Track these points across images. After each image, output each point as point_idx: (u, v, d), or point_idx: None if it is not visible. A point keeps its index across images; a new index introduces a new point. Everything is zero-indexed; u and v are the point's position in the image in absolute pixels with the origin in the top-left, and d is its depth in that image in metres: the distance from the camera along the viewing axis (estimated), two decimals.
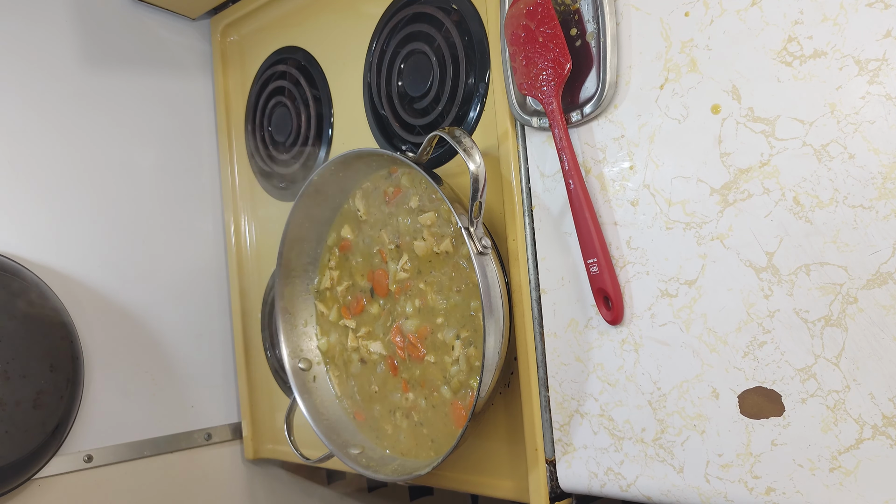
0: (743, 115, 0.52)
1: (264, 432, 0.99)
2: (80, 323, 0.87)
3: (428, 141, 0.66)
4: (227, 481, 0.99)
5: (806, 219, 0.49)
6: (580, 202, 0.59)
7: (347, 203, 0.80)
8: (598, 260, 0.58)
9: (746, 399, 0.52)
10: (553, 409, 0.64)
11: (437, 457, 0.70)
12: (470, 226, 0.62)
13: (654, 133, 0.57)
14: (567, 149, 0.59)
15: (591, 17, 0.59)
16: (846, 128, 0.48)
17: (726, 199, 0.53)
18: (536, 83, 0.61)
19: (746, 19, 0.52)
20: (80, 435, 0.86)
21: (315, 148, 0.90)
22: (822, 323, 0.49)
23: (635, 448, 0.58)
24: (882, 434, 0.47)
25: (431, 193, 0.71)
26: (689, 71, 0.54)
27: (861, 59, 0.47)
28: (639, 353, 0.58)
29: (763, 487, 0.52)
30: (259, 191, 0.98)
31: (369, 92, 0.82)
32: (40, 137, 0.87)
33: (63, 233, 0.88)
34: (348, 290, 0.80)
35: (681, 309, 0.55)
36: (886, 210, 0.46)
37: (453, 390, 0.70)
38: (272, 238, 0.96)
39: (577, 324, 0.62)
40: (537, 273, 0.65)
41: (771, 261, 0.51)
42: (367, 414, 0.79)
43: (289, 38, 0.94)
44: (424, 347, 0.72)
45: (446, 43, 0.73)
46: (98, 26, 0.93)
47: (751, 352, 0.52)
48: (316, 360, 0.84)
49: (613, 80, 0.58)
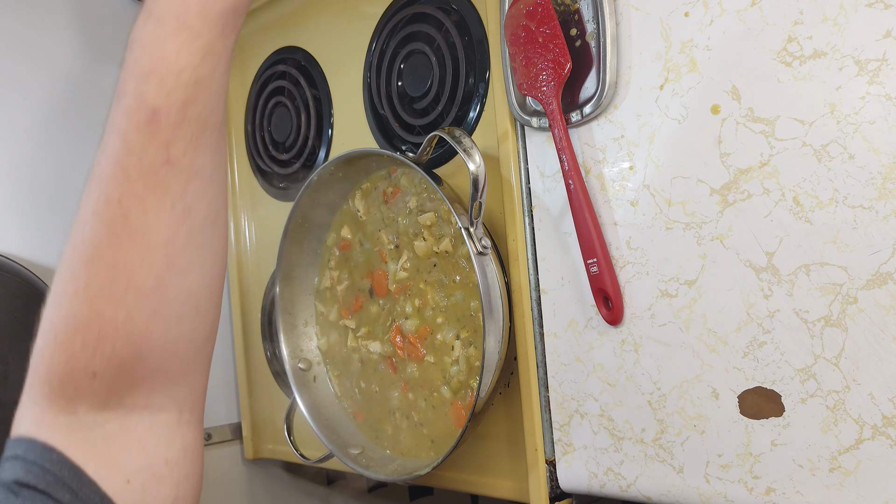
0: (743, 115, 0.52)
1: (264, 432, 0.99)
2: None
3: (428, 141, 0.66)
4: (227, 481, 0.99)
5: (806, 219, 0.49)
6: (580, 202, 0.59)
7: (347, 203, 0.80)
8: (598, 260, 0.58)
9: (746, 399, 0.52)
10: (553, 409, 0.64)
11: (437, 457, 0.70)
12: (470, 226, 0.62)
13: (653, 133, 0.57)
14: (567, 149, 0.59)
15: (590, 17, 0.59)
16: (846, 128, 0.48)
17: (726, 199, 0.53)
18: (536, 83, 0.61)
19: (746, 19, 0.52)
20: None
21: (315, 148, 0.90)
22: (822, 323, 0.49)
23: (635, 448, 0.58)
24: (882, 434, 0.47)
25: (431, 193, 0.71)
26: (688, 71, 0.54)
27: (861, 60, 0.47)
28: (639, 353, 0.58)
29: (763, 487, 0.52)
30: (259, 191, 0.98)
31: (369, 92, 0.82)
32: (41, 137, 0.87)
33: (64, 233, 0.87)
34: (348, 290, 0.80)
35: (681, 309, 0.55)
36: (886, 210, 0.46)
37: (453, 390, 0.70)
38: (272, 238, 0.96)
39: (577, 324, 0.62)
40: (537, 273, 0.65)
41: (771, 261, 0.51)
42: (367, 414, 0.79)
43: (289, 38, 0.94)
44: (424, 347, 0.72)
45: (446, 43, 0.73)
46: (98, 26, 0.93)
47: (751, 352, 0.52)
48: (316, 360, 0.84)
49: (613, 80, 0.58)
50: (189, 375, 0.48)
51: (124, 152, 0.43)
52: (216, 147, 0.46)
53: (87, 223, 0.44)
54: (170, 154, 0.43)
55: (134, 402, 0.46)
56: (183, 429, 0.48)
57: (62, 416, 0.44)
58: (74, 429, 0.44)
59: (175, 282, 0.44)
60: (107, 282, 0.43)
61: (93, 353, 0.43)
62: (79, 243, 0.44)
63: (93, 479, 0.43)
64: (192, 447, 0.48)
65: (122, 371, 0.44)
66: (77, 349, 0.43)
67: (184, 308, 0.45)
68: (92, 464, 0.43)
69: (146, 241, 0.43)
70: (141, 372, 0.45)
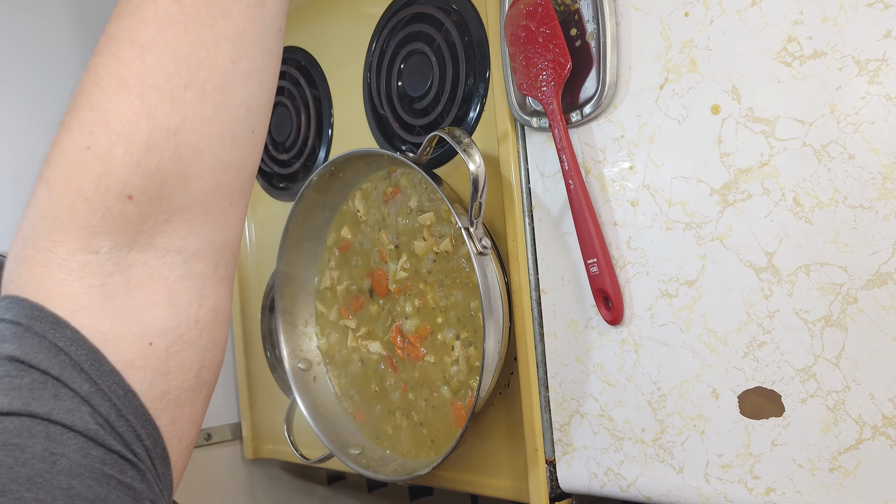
0: (743, 115, 0.52)
1: (264, 432, 0.99)
2: None
3: (428, 141, 0.66)
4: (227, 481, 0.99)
5: (806, 219, 0.49)
6: (580, 202, 0.59)
7: (347, 203, 0.80)
8: (598, 260, 0.58)
9: (746, 399, 0.52)
10: (553, 409, 0.64)
11: (437, 457, 0.70)
12: (470, 226, 0.62)
13: (653, 133, 0.57)
14: (567, 149, 0.59)
15: (590, 17, 0.59)
16: (846, 128, 0.48)
17: (726, 199, 0.53)
18: (536, 83, 0.61)
19: (746, 19, 0.52)
20: None
21: (315, 148, 0.90)
22: (822, 323, 0.49)
23: (635, 448, 0.58)
24: (882, 434, 0.47)
25: (431, 193, 0.71)
26: (688, 71, 0.54)
27: (861, 60, 0.47)
28: (639, 353, 0.58)
29: (763, 488, 0.52)
30: (259, 191, 0.98)
31: (369, 92, 0.82)
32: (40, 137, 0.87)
33: None
34: (348, 290, 0.80)
35: (681, 309, 0.55)
36: (886, 210, 0.46)
37: (453, 390, 0.70)
38: (272, 238, 0.96)
39: (576, 324, 0.62)
40: (537, 273, 0.65)
41: (771, 261, 0.51)
42: (367, 414, 0.79)
43: (289, 38, 0.94)
44: (424, 347, 0.72)
45: (446, 43, 0.73)
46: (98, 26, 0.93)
47: (751, 352, 0.52)
48: (316, 360, 0.84)
49: (613, 80, 0.58)
50: (229, 220, 0.42)
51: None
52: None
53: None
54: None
55: (168, 242, 0.39)
56: (217, 285, 0.41)
57: (79, 254, 0.36)
58: (90, 273, 0.36)
59: (237, 88, 0.39)
60: (166, 73, 0.36)
61: (135, 166, 0.36)
62: (135, 23, 0.37)
63: (114, 367, 0.36)
64: (224, 310, 0.42)
65: (161, 194, 0.37)
66: (117, 162, 0.36)
67: (240, 126, 0.40)
68: (107, 320, 0.36)
69: (216, 27, 0.38)
70: (182, 200, 0.38)
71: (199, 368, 0.40)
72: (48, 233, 0.37)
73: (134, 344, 0.37)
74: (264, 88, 0.41)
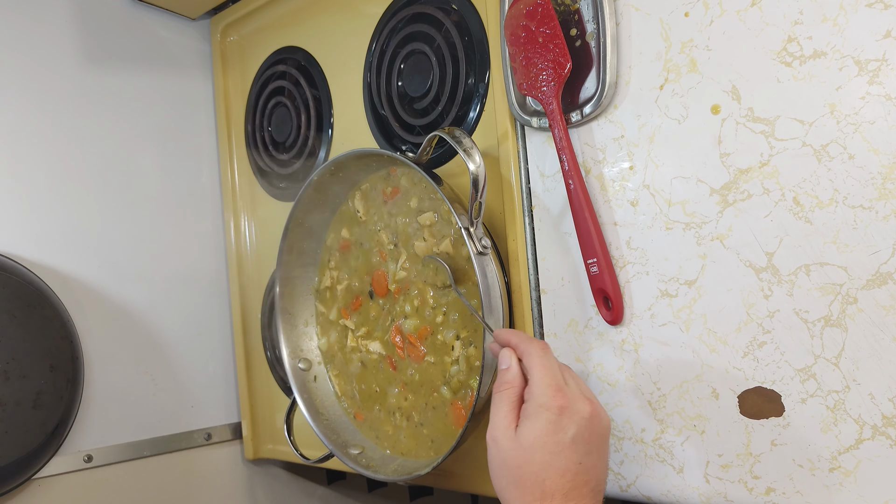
0: (743, 115, 0.52)
1: (264, 432, 0.99)
2: (80, 323, 0.87)
3: (428, 141, 0.66)
4: (227, 481, 0.99)
5: (806, 219, 0.49)
6: (580, 202, 0.59)
7: (347, 203, 0.80)
8: (598, 260, 0.58)
9: (746, 399, 0.52)
10: None
11: (437, 457, 0.70)
12: (470, 226, 0.62)
13: (653, 133, 0.57)
14: (567, 149, 0.59)
15: (590, 17, 0.59)
16: (846, 128, 0.48)
17: (726, 199, 0.53)
18: (536, 83, 0.61)
19: (746, 20, 0.52)
20: (79, 435, 0.86)
21: (315, 148, 0.90)
22: (822, 323, 0.49)
23: (635, 448, 0.58)
24: (882, 434, 0.47)
25: (431, 193, 0.71)
26: (688, 71, 0.54)
27: (861, 60, 0.47)
28: (639, 353, 0.58)
29: (763, 487, 0.52)
30: (259, 191, 0.98)
31: (369, 92, 0.82)
32: (40, 137, 0.87)
33: (63, 233, 0.88)
34: (348, 290, 0.80)
35: (681, 309, 0.55)
36: (886, 210, 0.46)
37: (453, 390, 0.70)
38: (272, 238, 0.96)
39: (576, 324, 0.62)
40: (537, 273, 0.65)
41: (771, 261, 0.51)
42: (368, 414, 0.79)
43: (289, 38, 0.94)
44: (424, 347, 0.72)
45: (446, 43, 0.73)
46: (98, 26, 0.93)
47: (751, 352, 0.52)
48: (316, 360, 0.84)
49: (613, 80, 0.58)
50: None
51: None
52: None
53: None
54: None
55: None
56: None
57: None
58: None
59: None
60: None
61: None
62: None
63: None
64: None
65: None
66: None
67: None
68: None
69: None
70: None
71: None
72: None
73: None
74: None
